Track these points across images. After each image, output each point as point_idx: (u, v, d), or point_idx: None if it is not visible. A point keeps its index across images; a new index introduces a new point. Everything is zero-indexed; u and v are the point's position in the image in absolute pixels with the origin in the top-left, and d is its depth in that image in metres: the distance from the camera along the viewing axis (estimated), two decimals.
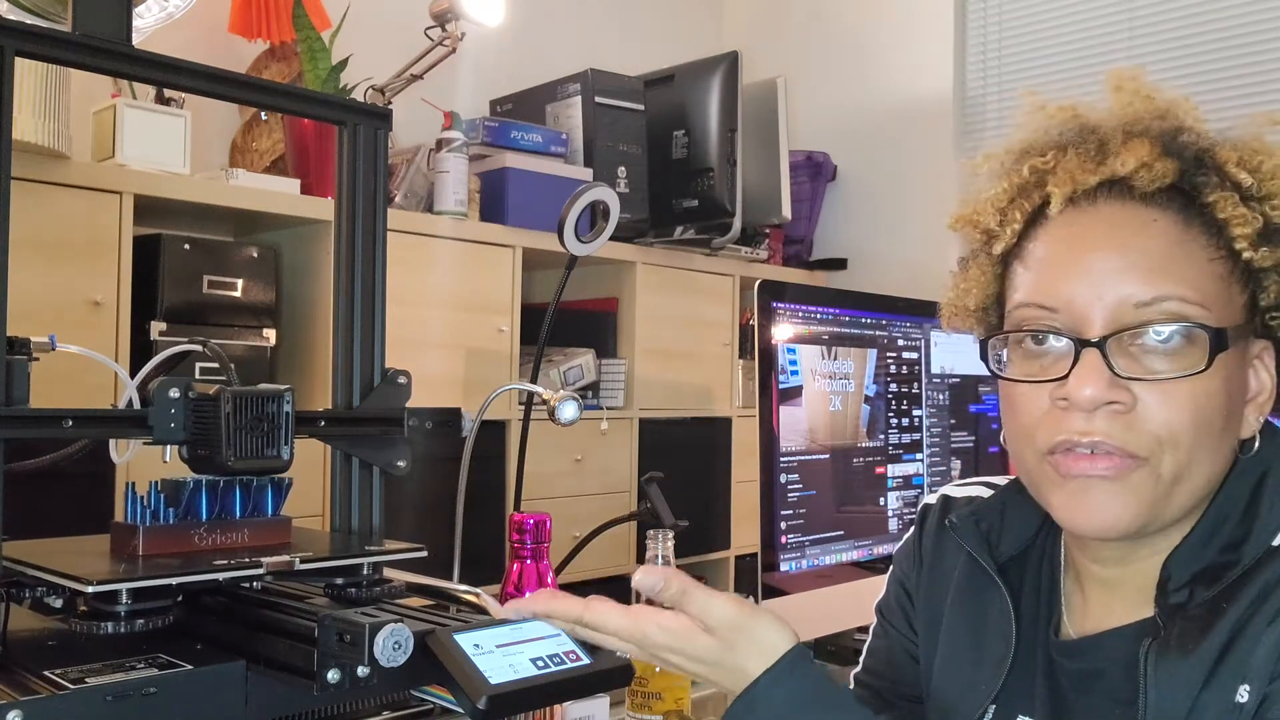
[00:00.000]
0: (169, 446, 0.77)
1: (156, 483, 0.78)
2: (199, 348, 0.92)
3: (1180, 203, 0.75)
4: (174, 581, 0.70)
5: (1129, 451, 0.72)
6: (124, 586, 0.69)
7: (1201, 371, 0.71)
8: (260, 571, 0.74)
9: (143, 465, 0.90)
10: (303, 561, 0.75)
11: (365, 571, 0.79)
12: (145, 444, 0.77)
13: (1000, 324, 0.82)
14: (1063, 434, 0.73)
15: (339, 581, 0.78)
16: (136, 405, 0.89)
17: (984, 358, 0.80)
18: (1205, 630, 0.72)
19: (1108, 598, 0.82)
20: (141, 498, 0.77)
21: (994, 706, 0.84)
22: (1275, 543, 0.74)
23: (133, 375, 0.91)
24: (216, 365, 0.88)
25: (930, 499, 0.98)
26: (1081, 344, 0.72)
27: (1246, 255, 0.73)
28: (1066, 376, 0.73)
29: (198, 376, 0.90)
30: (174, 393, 0.76)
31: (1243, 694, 0.69)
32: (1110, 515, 0.73)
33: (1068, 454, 0.74)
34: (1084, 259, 0.74)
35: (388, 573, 0.83)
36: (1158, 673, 0.72)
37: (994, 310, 0.84)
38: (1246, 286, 0.75)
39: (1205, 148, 0.76)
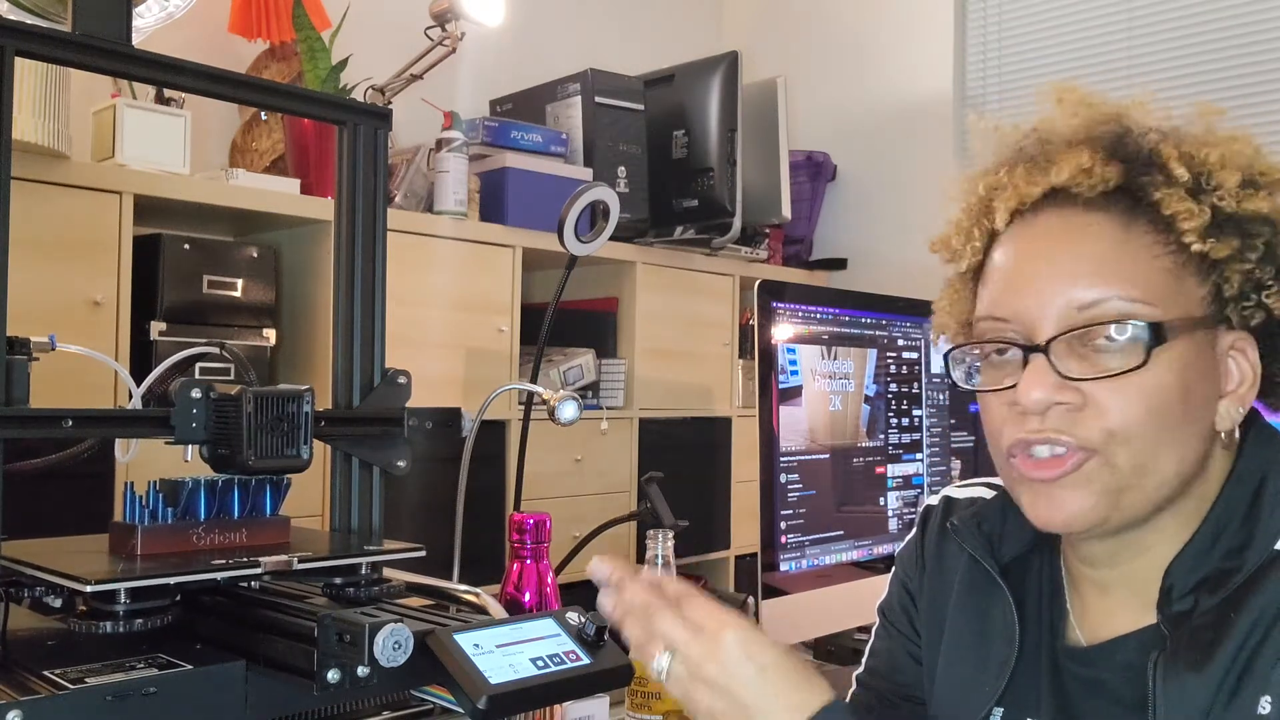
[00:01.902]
0: (190, 446, 0.78)
1: (155, 482, 0.79)
2: (216, 350, 0.93)
3: (1125, 204, 0.77)
4: (172, 581, 0.70)
5: (1079, 444, 0.74)
6: (122, 586, 0.69)
7: (1139, 367, 0.73)
8: (258, 571, 0.74)
9: (144, 465, 0.90)
10: (301, 561, 0.75)
11: (364, 571, 0.80)
12: (167, 444, 0.78)
13: None
14: (1019, 433, 0.76)
15: (338, 581, 0.78)
16: (138, 405, 0.89)
17: (946, 370, 0.85)
18: (1215, 643, 0.71)
19: (1106, 601, 0.82)
20: (140, 497, 0.77)
21: (1000, 709, 0.84)
22: (1278, 546, 0.74)
23: (132, 374, 0.91)
24: (218, 366, 0.89)
25: (932, 500, 0.98)
26: (1029, 350, 0.76)
27: (1196, 248, 0.74)
28: (1018, 384, 0.76)
29: (197, 377, 0.90)
30: (196, 393, 0.76)
31: (1264, 705, 0.69)
32: (1072, 508, 0.75)
33: (1027, 458, 0.76)
34: (1030, 269, 0.78)
35: (387, 573, 0.83)
36: (1167, 688, 0.72)
37: (973, 325, 0.87)
38: (1207, 279, 0.76)
39: (1151, 147, 0.77)
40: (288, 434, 0.78)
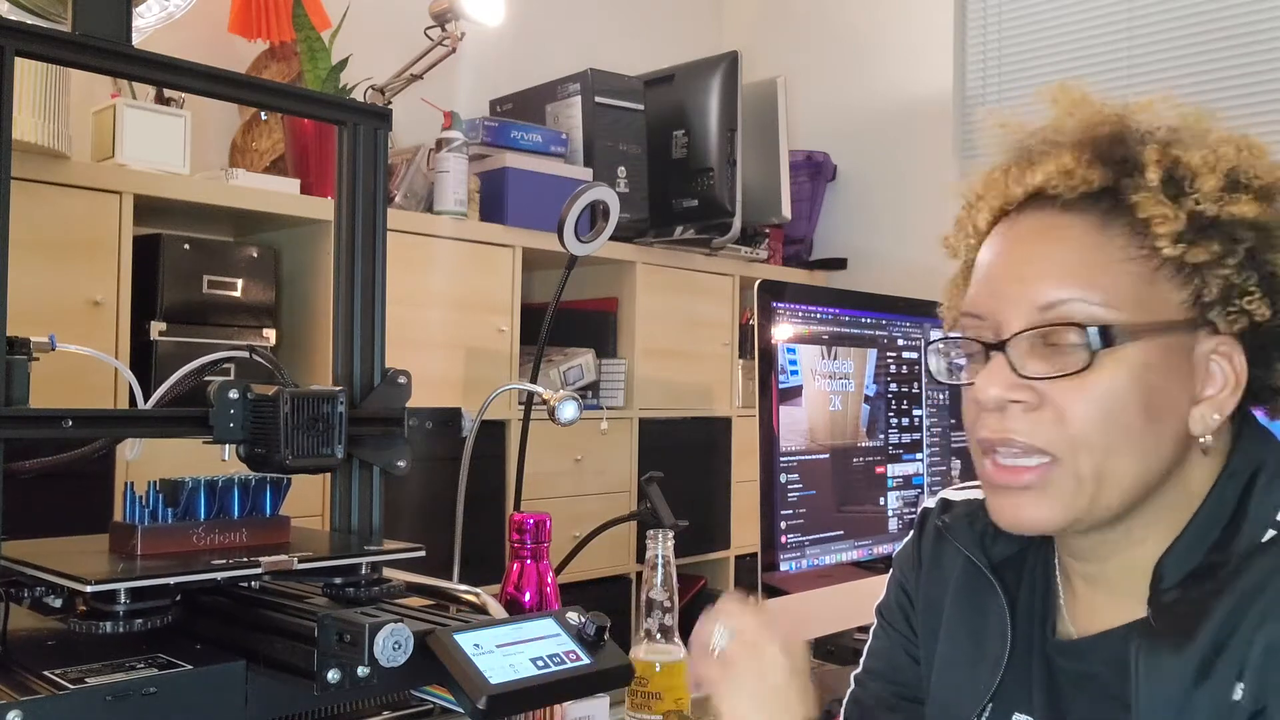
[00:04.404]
0: (228, 445, 0.80)
1: (155, 483, 0.79)
2: (246, 354, 0.94)
3: (1105, 206, 0.77)
4: (172, 581, 0.70)
5: (1038, 448, 0.75)
6: (122, 586, 0.69)
7: (1083, 370, 0.73)
8: (258, 571, 0.74)
9: (145, 465, 0.90)
10: (301, 561, 0.75)
11: (363, 571, 0.80)
12: (205, 443, 0.79)
13: None
14: (983, 431, 0.78)
15: (338, 581, 0.78)
16: (141, 405, 0.89)
17: (925, 363, 0.86)
18: (1193, 627, 0.72)
19: (1095, 595, 0.83)
20: (140, 497, 0.77)
21: (991, 705, 0.84)
22: (1264, 539, 0.74)
23: (132, 374, 0.91)
24: (218, 368, 0.89)
25: (929, 502, 0.99)
26: (990, 347, 0.77)
27: (1168, 252, 0.74)
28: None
29: (207, 379, 0.90)
30: (234, 394, 0.78)
31: (1238, 692, 0.69)
32: (1030, 514, 0.77)
33: (994, 461, 0.78)
34: (1002, 268, 0.79)
35: (388, 573, 0.83)
36: (1148, 669, 0.72)
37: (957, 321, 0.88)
38: (1188, 283, 0.75)
39: (1137, 150, 0.77)
40: (322, 434, 0.80)
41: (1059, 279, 0.75)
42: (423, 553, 0.82)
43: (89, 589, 0.67)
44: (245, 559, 0.74)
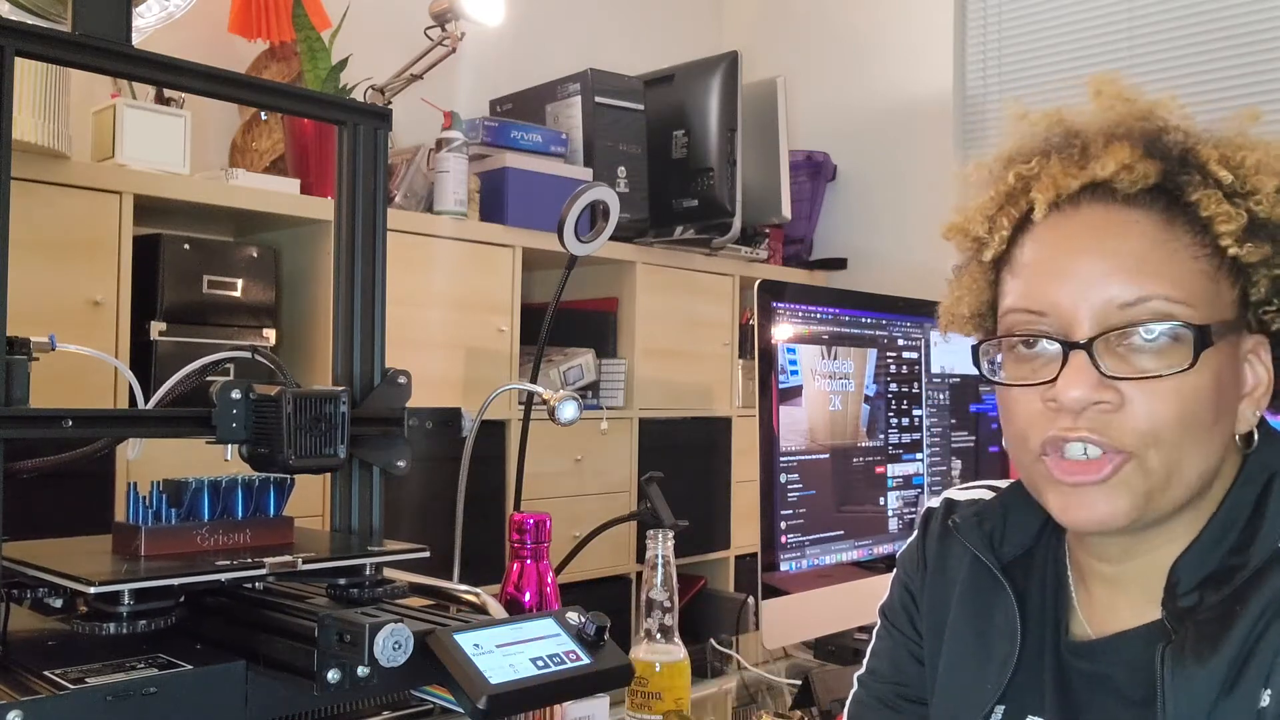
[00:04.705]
0: (230, 446, 0.80)
1: (158, 483, 0.79)
2: (248, 355, 0.94)
3: (1163, 203, 0.76)
4: (176, 582, 0.70)
5: (1115, 447, 0.73)
6: (126, 587, 0.69)
7: (1187, 369, 0.72)
8: (263, 572, 0.74)
9: (145, 465, 0.90)
10: (305, 562, 0.75)
11: (368, 572, 0.80)
12: (208, 443, 0.79)
13: (995, 329, 0.84)
14: (1053, 431, 0.75)
15: (341, 582, 0.78)
16: (142, 405, 0.89)
17: (976, 363, 0.83)
18: (1219, 637, 0.72)
19: (1113, 596, 0.82)
20: (144, 498, 0.77)
21: (1002, 707, 0.84)
22: None
23: (132, 374, 0.91)
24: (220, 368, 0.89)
25: (933, 502, 0.98)
26: (1069, 346, 0.74)
27: (1232, 251, 0.74)
28: (1055, 379, 0.75)
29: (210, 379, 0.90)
30: (236, 394, 0.78)
31: (1265, 699, 0.69)
32: (1104, 511, 0.75)
33: (1061, 460, 0.75)
34: (1069, 263, 0.76)
35: (389, 573, 0.83)
36: (1175, 681, 0.72)
37: (989, 316, 0.86)
38: (1236, 282, 0.76)
39: (1188, 147, 0.77)
40: (325, 434, 0.80)
41: (1135, 275, 0.73)
42: (426, 553, 0.82)
43: (92, 590, 0.67)
44: (249, 560, 0.74)
